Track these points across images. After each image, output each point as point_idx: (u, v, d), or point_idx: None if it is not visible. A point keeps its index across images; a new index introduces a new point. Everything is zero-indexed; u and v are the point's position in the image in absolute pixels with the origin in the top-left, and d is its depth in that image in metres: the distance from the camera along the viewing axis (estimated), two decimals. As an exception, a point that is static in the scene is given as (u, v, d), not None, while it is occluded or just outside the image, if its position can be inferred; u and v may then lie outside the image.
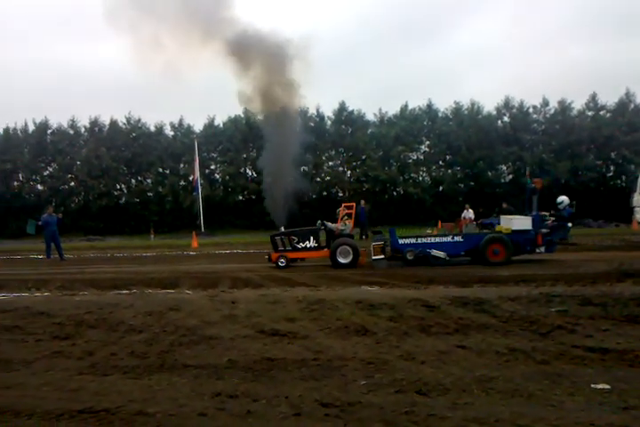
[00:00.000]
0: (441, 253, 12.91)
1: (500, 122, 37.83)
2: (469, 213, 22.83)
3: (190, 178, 36.52)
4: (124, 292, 9.91)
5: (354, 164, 38.02)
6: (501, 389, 4.07)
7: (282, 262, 13.84)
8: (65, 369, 4.97)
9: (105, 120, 39.76)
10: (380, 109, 39.11)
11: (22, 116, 47.52)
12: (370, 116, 38.93)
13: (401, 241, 13.31)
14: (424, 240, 13.27)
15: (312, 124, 37.82)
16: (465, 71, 69.52)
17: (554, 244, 13.34)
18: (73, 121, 39.72)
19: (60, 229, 18.38)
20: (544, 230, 13.06)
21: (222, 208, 36.75)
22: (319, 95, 58.69)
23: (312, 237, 14.11)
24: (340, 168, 38.57)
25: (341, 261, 13.33)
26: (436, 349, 5.22)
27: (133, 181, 40.04)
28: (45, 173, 39.46)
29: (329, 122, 39.17)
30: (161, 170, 38.75)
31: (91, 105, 62.12)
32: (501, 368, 4.59)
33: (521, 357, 4.90)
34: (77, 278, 12.31)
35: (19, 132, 39.63)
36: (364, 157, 37.45)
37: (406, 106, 38.89)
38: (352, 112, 38.57)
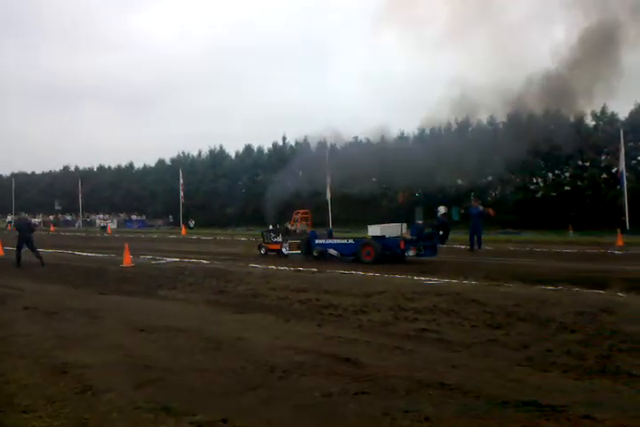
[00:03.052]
0: (334, 252, 15.83)
1: None
2: None
3: (614, 170, 33.52)
4: (549, 288, 9.72)
5: None
6: None
7: (262, 251, 18.17)
8: (502, 358, 5.15)
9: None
10: None
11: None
12: None
13: (317, 241, 16.36)
14: (329, 242, 16.34)
15: None
16: None
17: (431, 248, 15.29)
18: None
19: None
20: (409, 237, 14.91)
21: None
22: None
23: (280, 234, 18.05)
24: None
25: (285, 252, 17.29)
26: None
27: (550, 174, 39.10)
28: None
29: None
30: (580, 162, 36.74)
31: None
32: None
33: None
34: (499, 270, 12.66)
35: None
36: None
37: None
38: None
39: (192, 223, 47.12)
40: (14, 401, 4.22)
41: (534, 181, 39.31)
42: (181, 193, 48.60)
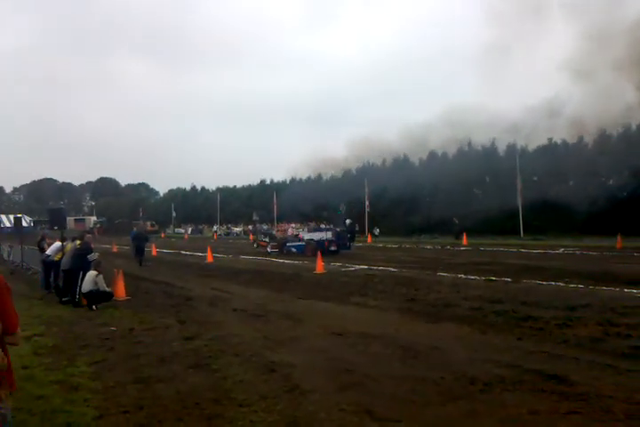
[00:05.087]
0: (294, 250, 23.79)
1: None
2: None
3: None
4: None
5: None
6: None
7: (255, 245, 28.77)
8: None
9: None
10: None
11: None
12: None
13: (287, 244, 24.46)
14: (293, 244, 24.26)
15: None
16: None
17: (347, 246, 23.80)
18: None
19: None
20: (329, 238, 22.95)
21: None
22: None
23: (267, 236, 28.58)
24: None
25: (269, 250, 24.68)
26: None
27: None
28: None
29: None
30: None
31: None
32: None
33: None
34: None
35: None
36: None
37: None
38: None
39: (377, 231, 47.84)
40: (231, 396, 4.64)
41: None
42: (366, 202, 49.67)
